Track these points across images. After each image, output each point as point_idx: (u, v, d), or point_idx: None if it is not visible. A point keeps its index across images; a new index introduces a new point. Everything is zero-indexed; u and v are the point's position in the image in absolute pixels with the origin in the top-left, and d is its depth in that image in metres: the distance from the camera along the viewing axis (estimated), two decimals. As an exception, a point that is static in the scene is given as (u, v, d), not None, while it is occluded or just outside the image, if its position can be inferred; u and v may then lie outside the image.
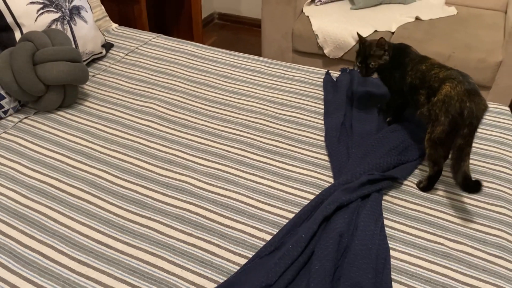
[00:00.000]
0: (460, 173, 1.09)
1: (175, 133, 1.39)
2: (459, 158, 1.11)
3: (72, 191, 1.17)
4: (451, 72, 1.18)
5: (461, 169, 1.09)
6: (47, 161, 1.27)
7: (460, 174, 1.09)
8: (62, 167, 1.25)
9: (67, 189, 1.18)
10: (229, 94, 1.59)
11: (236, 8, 3.65)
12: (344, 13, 2.48)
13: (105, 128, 1.41)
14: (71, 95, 1.49)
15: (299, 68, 1.76)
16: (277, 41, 2.59)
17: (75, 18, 1.64)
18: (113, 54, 1.84)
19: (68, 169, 1.25)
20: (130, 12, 2.23)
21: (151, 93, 1.59)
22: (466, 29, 2.31)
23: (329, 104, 1.49)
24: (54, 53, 1.41)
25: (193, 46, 1.92)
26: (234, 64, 1.79)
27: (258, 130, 1.41)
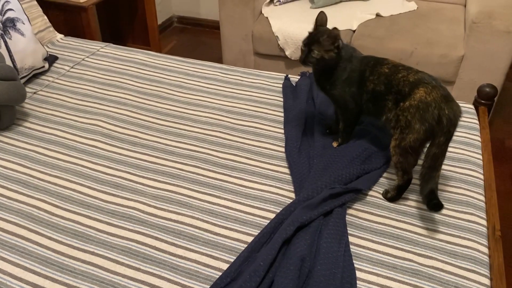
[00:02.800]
0: (430, 185, 1.03)
1: (123, 152, 1.28)
2: (431, 168, 1.04)
3: (5, 226, 1.05)
4: (422, 75, 1.10)
5: (432, 180, 1.04)
6: (-22, 193, 1.14)
7: (429, 186, 1.03)
8: None
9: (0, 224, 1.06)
10: (183, 106, 1.49)
11: (195, 10, 3.54)
12: (304, 12, 2.41)
13: (45, 151, 1.28)
14: (7, 116, 1.36)
15: (258, 74, 1.68)
16: (237, 44, 2.50)
17: (10, 31, 1.50)
18: (57, 68, 1.70)
19: (1, 200, 1.12)
20: (78, 21, 2.09)
21: (97, 109, 1.47)
22: (427, 24, 2.27)
23: (289, 112, 1.41)
24: (-17, 71, 1.28)
25: (144, 54, 1.80)
26: (188, 73, 1.68)
27: (214, 144, 1.32)
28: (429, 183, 1.04)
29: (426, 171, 1.06)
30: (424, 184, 1.05)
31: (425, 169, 1.06)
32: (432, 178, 1.05)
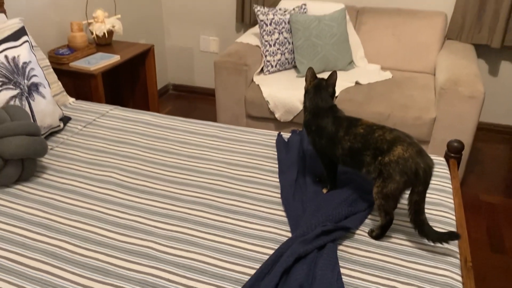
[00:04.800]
0: (426, 226, 1.21)
1: (135, 200, 1.42)
2: (417, 213, 1.22)
3: (32, 263, 1.16)
4: (397, 133, 1.28)
5: (424, 223, 1.22)
6: (5, 235, 1.26)
7: (426, 227, 1.21)
8: (21, 240, 1.24)
9: (27, 262, 1.17)
10: (187, 159, 1.66)
11: (190, 79, 3.82)
12: (291, 80, 2.68)
13: (64, 199, 1.42)
14: (30, 168, 1.50)
15: (252, 131, 1.87)
16: (231, 108, 2.72)
17: (34, 94, 1.69)
18: (70, 127, 1.88)
19: (27, 242, 1.24)
20: (86, 86, 2.30)
21: (109, 162, 1.63)
22: (401, 91, 2.54)
23: (282, 163, 1.58)
24: (13, 127, 1.44)
25: (150, 115, 2.00)
26: (190, 130, 1.87)
27: (217, 191, 1.47)
28: (423, 226, 1.22)
29: (414, 217, 1.23)
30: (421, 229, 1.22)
31: (412, 215, 1.23)
32: (422, 222, 1.22)
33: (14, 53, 1.67)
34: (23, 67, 1.68)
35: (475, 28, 2.84)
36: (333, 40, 2.74)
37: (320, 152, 1.43)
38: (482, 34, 2.85)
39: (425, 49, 2.83)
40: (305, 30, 2.69)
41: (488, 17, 2.79)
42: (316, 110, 1.39)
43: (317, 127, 1.38)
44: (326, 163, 1.43)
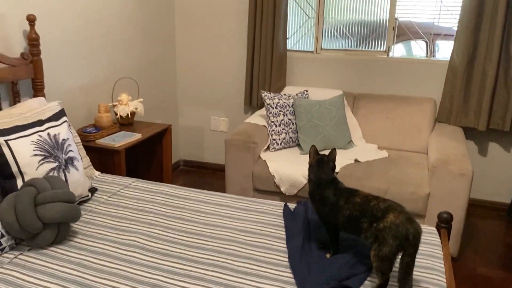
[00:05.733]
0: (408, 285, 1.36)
1: (157, 261, 1.59)
2: (406, 273, 1.38)
3: (67, 315, 1.31)
4: (390, 203, 1.48)
5: (408, 282, 1.37)
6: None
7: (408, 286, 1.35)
8: (57, 295, 1.39)
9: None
10: (202, 226, 1.84)
11: (200, 155, 4.08)
12: (295, 157, 2.92)
13: (94, 260, 1.58)
14: (64, 232, 1.68)
15: (261, 202, 2.07)
16: (239, 182, 2.94)
17: (69, 166, 1.92)
18: (97, 197, 2.08)
19: (62, 296, 1.39)
20: (110, 161, 2.54)
21: (133, 228, 1.81)
22: (397, 168, 2.77)
23: (289, 230, 1.76)
24: (53, 195, 1.65)
25: (167, 187, 2.21)
26: (204, 200, 2.07)
27: (230, 255, 1.64)
28: (406, 284, 1.37)
29: (402, 276, 1.39)
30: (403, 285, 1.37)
31: (401, 274, 1.39)
32: (408, 280, 1.38)
33: (55, 131, 1.93)
34: (62, 143, 1.93)
35: (462, 112, 3.14)
36: (333, 122, 3.02)
37: (323, 220, 1.61)
38: (469, 118, 3.14)
39: (418, 131, 3.10)
40: (307, 112, 2.99)
41: (473, 102, 3.09)
42: (319, 182, 1.60)
43: (320, 197, 1.59)
44: (329, 230, 1.61)
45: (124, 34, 3.13)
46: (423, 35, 3.31)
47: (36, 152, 1.80)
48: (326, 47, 3.54)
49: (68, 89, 2.67)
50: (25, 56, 2.25)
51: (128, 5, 3.14)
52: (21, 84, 2.32)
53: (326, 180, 1.61)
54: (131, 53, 3.24)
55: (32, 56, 2.28)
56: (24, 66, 2.24)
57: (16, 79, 2.21)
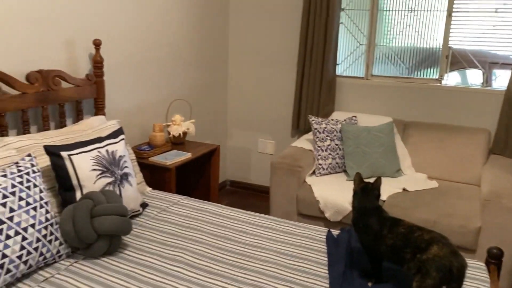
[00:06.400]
0: None
1: (200, 278, 1.64)
2: None
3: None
4: (434, 234, 1.47)
5: None
6: (94, 298, 1.50)
7: None
8: (106, 303, 1.48)
9: (111, 321, 1.39)
10: (245, 246, 1.88)
11: (246, 176, 4.15)
12: (341, 183, 2.91)
13: (142, 272, 1.67)
14: (116, 244, 1.78)
15: (305, 226, 2.09)
16: (283, 206, 2.96)
17: (124, 182, 2.03)
18: (148, 212, 2.19)
19: (111, 305, 1.47)
20: (161, 178, 2.65)
21: (180, 244, 1.88)
22: (447, 200, 2.69)
23: (332, 257, 1.77)
24: (108, 208, 1.76)
25: (214, 206, 2.28)
26: (248, 221, 2.12)
27: (272, 277, 1.66)
28: None
29: None
30: None
31: None
32: None
33: (113, 148, 2.06)
34: (119, 160, 2.05)
35: (519, 144, 3.01)
36: (381, 149, 2.99)
37: (366, 248, 1.61)
38: (526, 151, 3.01)
39: (470, 162, 3.01)
40: (355, 138, 2.99)
41: (530, 135, 2.96)
42: (364, 209, 1.61)
43: (364, 224, 1.59)
44: (372, 258, 1.60)
45: (180, 58, 3.30)
46: (477, 63, 3.24)
47: (95, 167, 1.93)
48: (376, 73, 3.54)
49: (126, 108, 2.84)
50: (90, 77, 2.44)
51: (185, 32, 3.31)
52: (84, 103, 2.51)
53: (370, 208, 1.61)
54: (186, 76, 3.40)
55: (95, 77, 2.46)
56: (88, 87, 2.42)
57: (80, 98, 2.39)
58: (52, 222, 1.69)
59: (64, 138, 2.09)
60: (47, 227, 1.65)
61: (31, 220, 1.59)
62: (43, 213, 1.65)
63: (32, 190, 1.65)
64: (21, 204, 1.59)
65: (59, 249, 1.70)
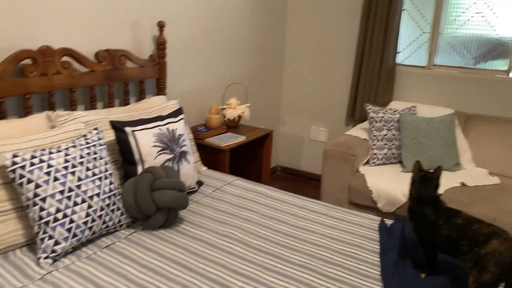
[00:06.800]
0: None
1: (252, 255, 1.68)
2: None
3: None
4: (494, 228, 1.41)
5: None
6: (152, 266, 1.58)
7: None
8: (163, 273, 1.55)
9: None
10: (296, 229, 1.90)
11: (297, 163, 4.16)
12: (396, 174, 2.84)
13: (196, 246, 1.73)
14: (172, 217, 1.86)
15: (357, 214, 2.07)
16: (334, 193, 2.94)
17: (182, 159, 2.11)
18: (202, 190, 2.26)
19: (168, 274, 1.54)
20: (216, 159, 2.72)
21: (233, 222, 1.93)
22: (509, 196, 2.56)
23: (384, 245, 1.74)
24: (167, 183, 1.83)
25: (266, 188, 2.31)
26: (300, 205, 2.13)
27: (322, 260, 1.67)
28: None
29: None
30: None
31: None
32: None
33: (173, 126, 2.14)
34: (178, 138, 2.13)
35: None
36: (441, 142, 2.89)
37: (421, 238, 1.58)
38: None
39: (537, 159, 2.83)
40: (414, 129, 2.90)
41: None
42: (420, 198, 1.57)
43: (419, 214, 1.55)
44: (426, 248, 1.57)
45: (238, 43, 3.34)
46: (553, 55, 3.02)
47: (156, 144, 2.01)
48: (439, 63, 3.40)
49: (185, 90, 2.92)
50: (153, 58, 2.53)
51: (244, 17, 3.34)
52: (147, 83, 2.61)
53: (428, 197, 1.57)
54: (243, 61, 3.43)
55: (158, 59, 2.55)
56: (151, 67, 2.51)
57: (143, 78, 2.49)
58: (115, 193, 1.79)
59: (127, 115, 2.19)
60: (110, 197, 1.75)
61: (96, 190, 1.70)
62: (107, 184, 1.75)
63: (98, 162, 1.76)
64: (88, 174, 1.69)
65: (120, 219, 1.80)
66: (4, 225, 1.56)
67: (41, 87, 1.97)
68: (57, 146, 1.69)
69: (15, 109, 1.98)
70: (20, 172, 1.54)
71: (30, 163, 1.56)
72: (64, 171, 1.62)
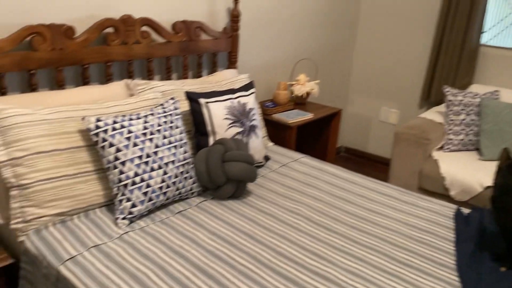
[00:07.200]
0: None
1: (319, 233, 1.66)
2: None
3: (238, 259, 1.48)
4: None
5: None
6: (220, 234, 1.62)
7: None
8: (231, 241, 1.58)
9: (235, 257, 1.49)
10: (365, 211, 1.85)
11: (363, 145, 4.05)
12: (472, 162, 2.68)
13: (263, 219, 1.74)
14: (241, 189, 1.88)
15: (430, 200, 1.98)
16: (403, 178, 2.84)
17: (251, 133, 2.12)
18: (269, 165, 2.26)
19: (235, 243, 1.57)
20: (282, 135, 2.71)
21: (299, 199, 1.92)
22: None
23: (460, 234, 1.66)
24: (238, 155, 1.85)
25: (334, 167, 2.27)
26: (369, 187, 2.07)
27: (393, 244, 1.62)
28: None
29: None
30: None
31: None
32: None
33: (244, 100, 2.14)
34: (249, 111, 2.13)
35: None
36: (525, 130, 2.67)
37: (503, 229, 1.48)
38: None
39: None
40: (495, 115, 2.70)
41: None
42: (506, 188, 1.46)
43: (504, 204, 1.45)
44: (509, 240, 1.47)
45: (310, 17, 3.26)
46: None
47: (227, 116, 2.03)
48: (529, 45, 3.12)
49: (254, 64, 2.92)
50: (226, 30, 2.53)
51: (318, -11, 3.25)
52: (219, 56, 2.62)
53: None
54: (313, 36, 3.35)
55: (232, 31, 2.55)
56: (224, 40, 2.52)
57: (216, 50, 2.50)
58: (188, 161, 1.83)
59: (200, 86, 2.23)
60: (184, 165, 1.80)
61: (172, 157, 1.75)
62: (182, 152, 1.80)
63: (174, 130, 1.81)
64: (165, 142, 1.75)
65: (192, 187, 1.85)
66: (86, 185, 1.66)
67: (122, 55, 2.04)
68: (136, 113, 1.75)
69: (97, 76, 2.08)
70: (103, 136, 1.62)
71: (112, 128, 1.63)
72: (142, 138, 1.68)
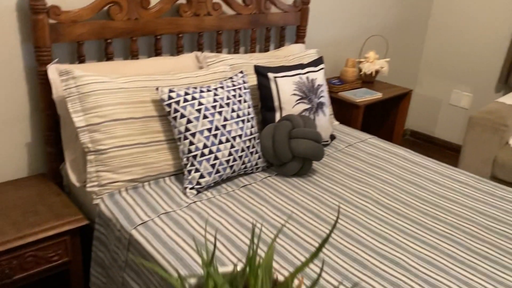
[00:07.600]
0: None
1: (389, 217, 1.60)
2: None
3: (303, 237, 1.46)
4: None
5: None
6: (284, 210, 1.60)
7: None
8: (296, 218, 1.56)
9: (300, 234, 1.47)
10: (437, 197, 1.76)
11: (431, 129, 3.85)
12: (556, 152, 2.47)
13: (329, 198, 1.70)
14: (307, 167, 1.85)
15: (507, 189, 1.85)
16: (475, 165, 2.67)
17: (319, 110, 2.06)
18: (335, 144, 2.20)
19: (300, 220, 1.55)
20: (349, 114, 2.63)
21: (367, 181, 1.86)
22: None
23: (544, 228, 1.53)
24: (305, 132, 1.81)
25: (404, 150, 2.18)
26: (441, 172, 1.97)
27: (468, 234, 1.53)
28: None
29: None
30: None
31: None
32: None
33: (313, 76, 2.09)
34: (317, 88, 2.07)
35: None
36: None
37: None
38: None
39: None
40: None
41: None
42: None
43: None
44: None
45: (383, -9, 3.10)
46: None
47: (295, 92, 1.99)
48: None
49: (322, 39, 2.83)
50: (297, 3, 2.46)
51: (394, -38, 3.07)
52: (287, 30, 2.56)
53: None
54: (385, 10, 3.19)
55: (302, 4, 2.48)
56: (293, 13, 2.45)
57: (285, 24, 2.45)
58: (255, 136, 1.82)
59: (268, 61, 2.19)
60: (251, 140, 1.79)
61: (239, 131, 1.75)
62: (249, 127, 1.79)
63: (242, 104, 1.80)
64: (233, 115, 1.74)
65: (257, 162, 1.84)
66: (158, 154, 1.69)
67: (193, 27, 2.05)
68: (207, 86, 1.76)
69: (168, 47, 2.10)
70: (175, 106, 1.64)
71: (184, 99, 1.65)
72: (212, 110, 1.68)
